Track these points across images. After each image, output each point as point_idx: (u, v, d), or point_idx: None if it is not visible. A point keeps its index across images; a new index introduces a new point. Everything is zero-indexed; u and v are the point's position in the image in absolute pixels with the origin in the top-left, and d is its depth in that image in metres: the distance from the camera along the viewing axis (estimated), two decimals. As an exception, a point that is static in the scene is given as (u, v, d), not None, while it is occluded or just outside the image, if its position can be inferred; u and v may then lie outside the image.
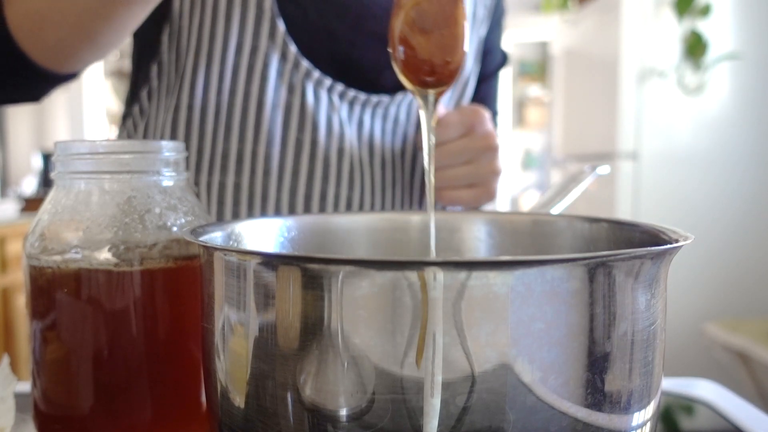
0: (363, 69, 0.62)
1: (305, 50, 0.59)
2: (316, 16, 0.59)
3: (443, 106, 0.68)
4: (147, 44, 0.62)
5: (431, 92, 0.40)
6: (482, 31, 0.70)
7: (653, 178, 2.06)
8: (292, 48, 0.58)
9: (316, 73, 0.59)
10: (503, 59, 0.77)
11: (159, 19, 0.60)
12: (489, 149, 0.59)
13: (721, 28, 2.01)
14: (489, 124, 0.60)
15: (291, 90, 0.59)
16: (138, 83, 0.65)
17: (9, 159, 3.39)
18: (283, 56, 0.59)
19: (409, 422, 0.25)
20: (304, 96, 0.60)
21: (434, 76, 0.39)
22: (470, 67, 0.69)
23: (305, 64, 0.59)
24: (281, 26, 0.58)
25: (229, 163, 0.60)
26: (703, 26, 1.99)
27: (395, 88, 0.64)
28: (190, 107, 0.60)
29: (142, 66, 0.65)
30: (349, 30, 0.60)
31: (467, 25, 0.40)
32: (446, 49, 0.39)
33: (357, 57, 0.62)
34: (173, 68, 0.61)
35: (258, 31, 0.58)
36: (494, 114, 0.77)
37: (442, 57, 0.39)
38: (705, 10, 1.97)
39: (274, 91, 0.59)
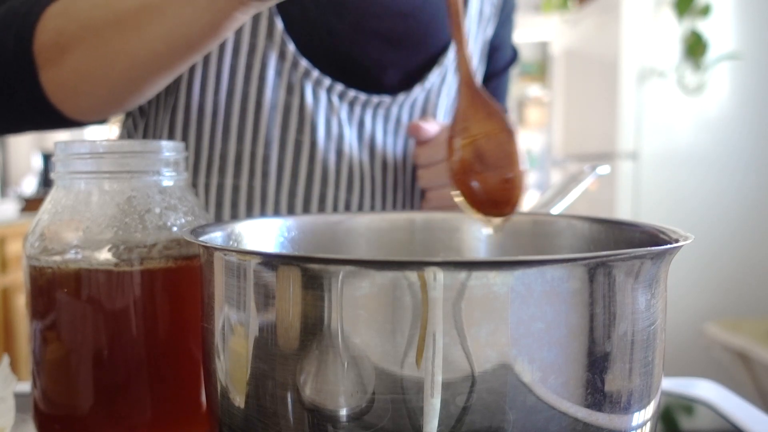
0: (364, 68, 0.61)
1: (304, 49, 0.59)
2: (316, 14, 0.59)
3: (439, 119, 0.67)
4: None
5: (496, 220, 0.42)
6: (489, 29, 0.69)
7: (653, 178, 2.06)
8: (291, 47, 0.58)
9: (315, 73, 0.59)
10: (513, 56, 0.76)
11: None
12: None
13: (721, 28, 2.01)
14: None
15: (290, 90, 0.59)
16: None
17: (9, 159, 3.38)
18: (282, 55, 0.58)
19: (409, 422, 0.25)
20: (302, 96, 0.59)
21: (496, 209, 0.41)
22: (475, 66, 0.69)
23: (304, 63, 0.58)
24: (279, 24, 0.57)
25: (227, 165, 0.59)
26: (703, 26, 1.99)
27: (397, 87, 0.63)
28: (188, 107, 0.59)
29: None
30: (349, 28, 0.60)
31: (524, 167, 0.42)
32: (507, 186, 0.41)
33: (358, 56, 0.61)
34: None
35: (256, 30, 0.57)
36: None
37: (502, 195, 0.41)
38: (705, 10, 1.97)
39: (272, 92, 0.59)
